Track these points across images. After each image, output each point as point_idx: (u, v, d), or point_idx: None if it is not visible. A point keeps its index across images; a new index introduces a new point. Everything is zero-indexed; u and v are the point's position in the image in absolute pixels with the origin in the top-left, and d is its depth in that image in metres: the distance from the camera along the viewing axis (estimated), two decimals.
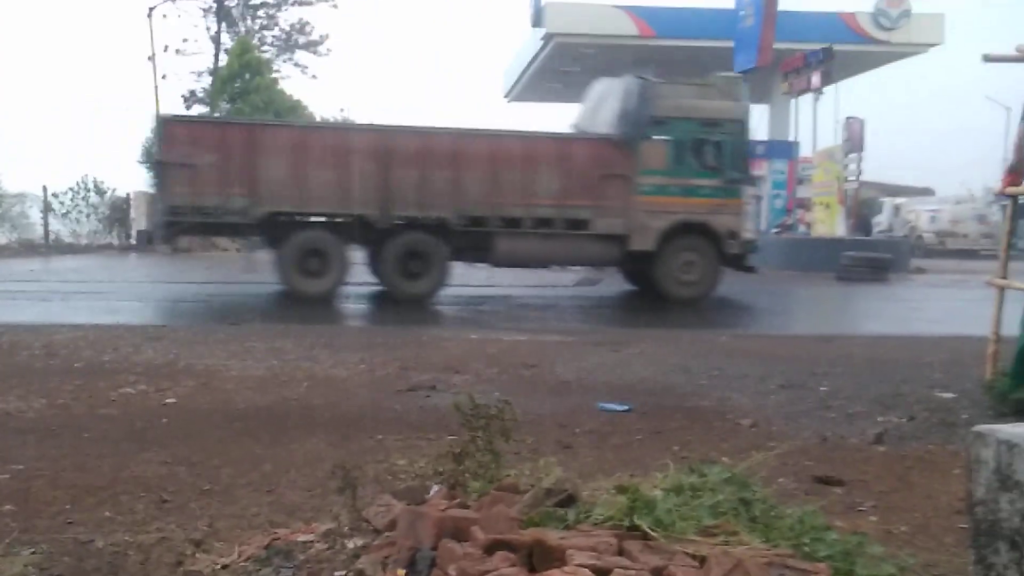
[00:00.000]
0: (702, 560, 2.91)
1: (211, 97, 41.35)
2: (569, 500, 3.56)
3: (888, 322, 16.20)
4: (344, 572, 3.51)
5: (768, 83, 34.92)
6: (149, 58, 37.51)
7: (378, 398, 7.59)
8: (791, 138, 36.23)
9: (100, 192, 36.87)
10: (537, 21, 36.89)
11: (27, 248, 32.72)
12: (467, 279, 18.75)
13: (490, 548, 3.02)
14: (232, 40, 44.02)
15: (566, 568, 2.81)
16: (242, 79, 40.64)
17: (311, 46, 48.32)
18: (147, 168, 36.48)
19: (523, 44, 42.19)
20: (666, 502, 3.39)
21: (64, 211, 35.95)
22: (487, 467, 4.01)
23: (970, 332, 10.78)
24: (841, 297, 20.23)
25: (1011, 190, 7.86)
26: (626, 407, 7.31)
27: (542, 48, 37.99)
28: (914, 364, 9.82)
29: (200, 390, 7.76)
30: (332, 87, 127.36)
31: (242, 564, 3.78)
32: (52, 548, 4.03)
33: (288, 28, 47.77)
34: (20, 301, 16.26)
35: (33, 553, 3.96)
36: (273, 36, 48.15)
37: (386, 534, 3.69)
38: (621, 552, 3.02)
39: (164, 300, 17.91)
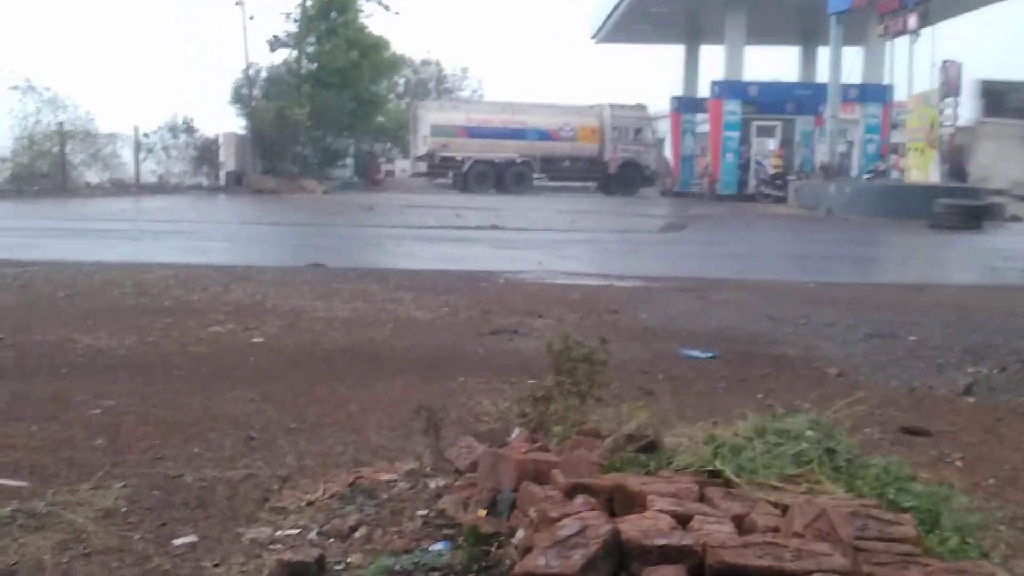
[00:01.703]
0: (785, 508, 2.88)
1: (297, 39, 41.56)
2: (651, 446, 3.55)
3: (981, 271, 15.78)
4: (426, 511, 3.56)
5: (863, 25, 33.95)
6: (237, 3, 37.92)
7: (461, 341, 7.64)
8: (886, 82, 35.30)
9: (191, 131, 37.47)
10: None
11: (119, 188, 33.42)
12: (550, 224, 18.72)
13: (571, 492, 3.03)
14: None
15: (647, 513, 2.80)
16: (327, 19, 40.81)
17: None
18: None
19: None
20: (749, 450, 3.36)
21: (154, 150, 36.60)
22: (569, 411, 4.01)
23: None
24: (933, 245, 19.76)
25: None
26: (710, 354, 7.26)
27: None
28: (1007, 315, 9.58)
29: (287, 330, 7.89)
30: (414, 25, 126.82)
31: (327, 501, 3.85)
32: (142, 482, 4.15)
33: None
34: (112, 240, 16.64)
35: (124, 486, 4.08)
36: None
37: (468, 475, 3.73)
38: (702, 499, 3.00)
39: (252, 240, 18.18)
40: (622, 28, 45.22)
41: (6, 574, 3.22)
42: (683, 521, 2.76)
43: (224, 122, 40.07)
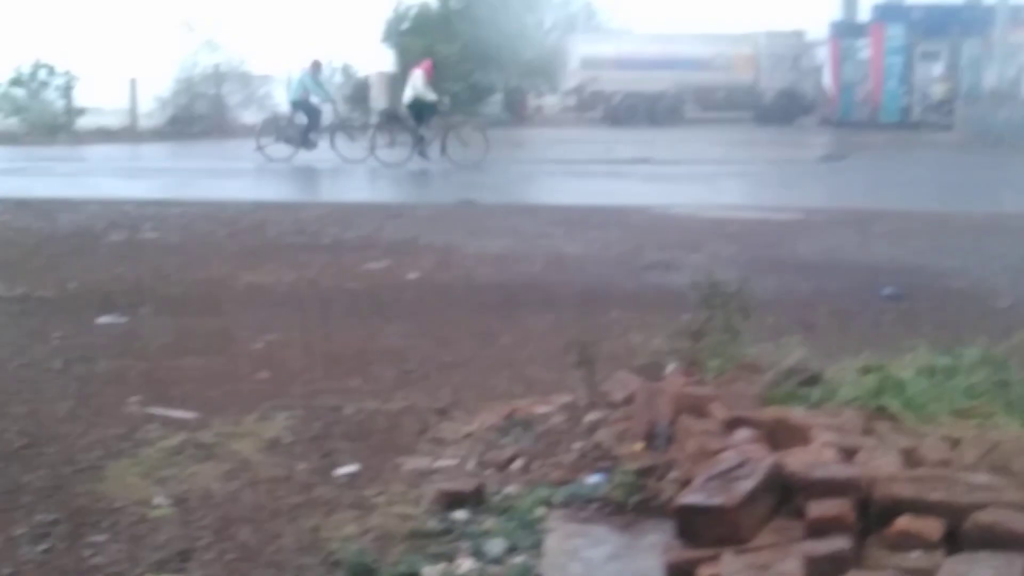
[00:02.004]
0: (955, 442, 2.77)
1: None
2: (812, 380, 3.46)
3: None
4: (582, 444, 3.55)
5: None
6: None
7: (614, 275, 7.58)
8: None
9: (349, 75, 38.05)
10: None
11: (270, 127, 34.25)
12: (704, 156, 18.35)
13: (730, 425, 2.97)
14: None
15: (810, 446, 2.73)
16: None
17: None
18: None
19: None
20: (917, 383, 3.24)
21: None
22: (725, 346, 3.94)
23: None
24: None
25: None
26: (899, 293, 6.94)
27: None
28: None
29: (440, 266, 7.97)
30: None
31: (484, 433, 3.89)
32: (304, 413, 4.26)
33: None
34: (268, 179, 17.09)
35: (287, 418, 4.20)
36: None
37: (623, 409, 3.71)
38: (868, 432, 2.91)
39: (402, 178, 18.33)
40: None
41: (177, 501, 3.36)
42: (848, 454, 2.67)
43: (376, 61, 40.48)
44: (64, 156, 22.04)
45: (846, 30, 39.73)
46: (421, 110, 19.34)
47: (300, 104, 19.63)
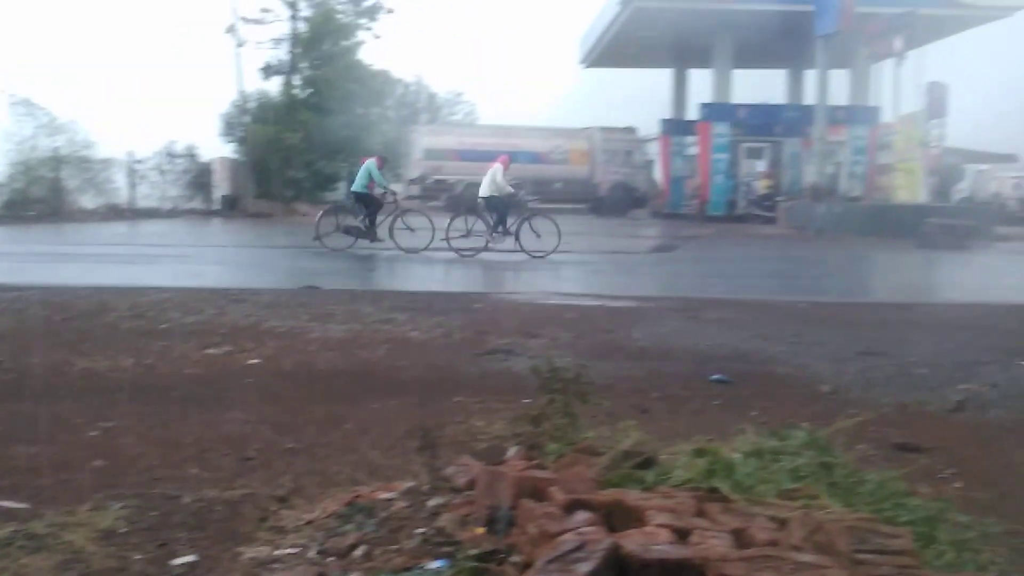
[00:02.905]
0: (782, 523, 2.91)
1: (290, 65, 41.76)
2: (647, 463, 3.58)
3: (970, 290, 15.85)
4: (424, 529, 3.57)
5: (849, 48, 34.23)
6: (228, 30, 38.11)
7: (456, 361, 7.66)
8: (872, 104, 35.57)
9: (191, 156, 37.59)
10: None
11: (113, 213, 33.40)
12: (543, 244, 18.71)
13: (569, 507, 3.05)
14: (309, 8, 44.25)
15: (646, 528, 2.83)
16: (321, 46, 41.00)
17: (377, 13, 48.40)
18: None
19: (601, 9, 41.81)
20: (746, 465, 3.40)
21: (149, 176, 36.70)
22: (564, 430, 4.04)
23: None
24: (922, 264, 19.83)
25: None
26: (728, 378, 7.20)
27: (620, 13, 37.61)
28: (995, 332, 9.63)
29: (283, 351, 7.90)
30: (404, 51, 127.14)
31: (325, 520, 3.87)
32: (141, 503, 4.15)
33: None
34: (107, 264, 16.62)
35: (122, 507, 4.08)
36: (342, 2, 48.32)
37: (465, 493, 3.75)
38: (700, 514, 3.03)
39: (247, 264, 18.18)
40: (611, 53, 45.46)
41: None
42: (682, 535, 2.79)
43: (218, 147, 40.17)
44: None
45: (675, 127, 41.51)
46: (497, 202, 19.56)
47: (363, 195, 19.65)
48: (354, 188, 20.02)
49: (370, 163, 19.80)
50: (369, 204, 19.65)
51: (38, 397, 6.18)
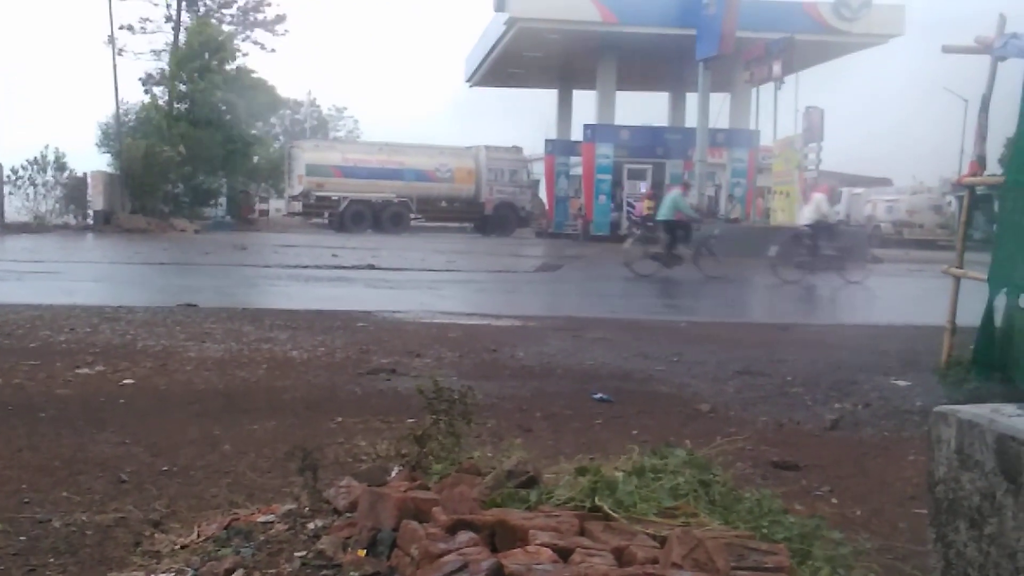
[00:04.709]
0: (663, 541, 2.93)
1: (169, 77, 41.01)
2: (531, 482, 3.58)
3: (845, 311, 16.35)
4: (304, 552, 3.50)
5: (729, 72, 35.17)
6: (108, 40, 37.28)
7: (338, 381, 7.56)
8: (752, 127, 36.52)
9: (60, 168, 36.46)
10: (500, 6, 36.72)
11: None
12: (427, 264, 18.75)
13: (452, 528, 3.03)
14: (191, 19, 43.65)
15: (528, 548, 2.82)
16: (201, 58, 40.36)
17: (269, 24, 48.06)
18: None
19: (486, 28, 42.08)
20: (627, 484, 3.42)
21: (21, 187, 35.56)
22: (448, 450, 4.02)
23: (926, 321, 10.95)
24: (799, 285, 20.36)
25: (967, 180, 8.00)
26: (609, 397, 7.26)
27: (505, 33, 37.90)
28: (870, 352, 9.92)
29: (158, 371, 7.70)
30: (291, 65, 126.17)
31: (201, 544, 3.76)
32: (8, 527, 3.99)
33: (244, 6, 47.57)
34: None
35: None
36: (231, 14, 47.83)
37: (347, 515, 3.69)
38: (583, 532, 3.04)
39: (121, 280, 17.71)
40: (497, 72, 45.80)
41: None
42: (564, 555, 2.78)
43: (94, 160, 39.23)
44: None
45: (560, 147, 42.01)
46: (823, 230, 20.16)
47: (669, 223, 20.38)
48: (661, 217, 20.81)
49: (676, 193, 20.91)
50: (675, 231, 20.38)
51: None
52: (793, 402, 7.35)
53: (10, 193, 35.46)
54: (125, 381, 7.28)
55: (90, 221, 35.97)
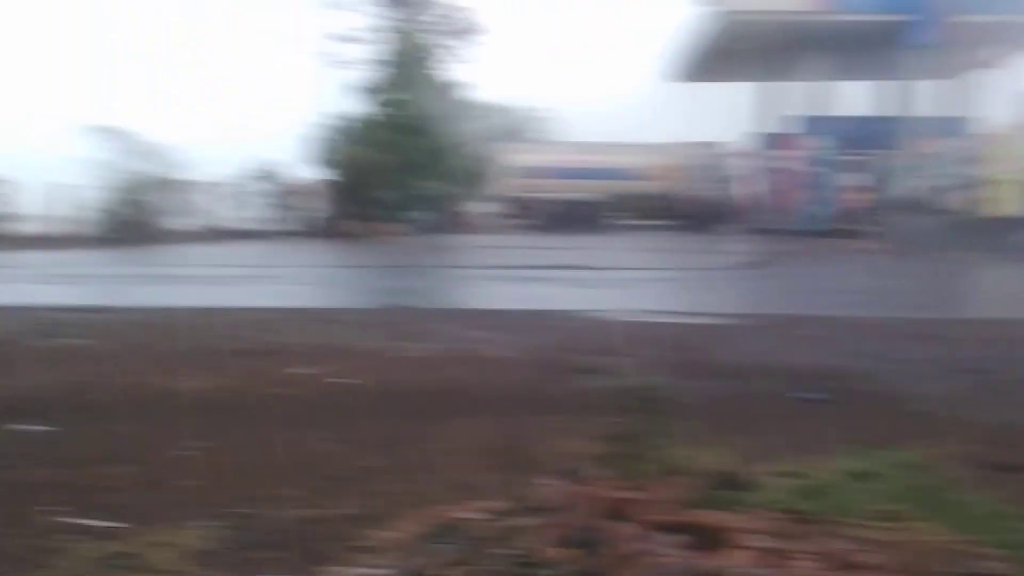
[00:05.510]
0: (878, 545, 2.80)
1: (378, 87, 42.31)
2: (734, 483, 3.49)
3: None
4: (511, 550, 3.52)
5: (947, 58, 33.55)
6: (317, 51, 38.90)
7: (542, 380, 7.60)
8: (969, 115, 34.79)
9: (272, 176, 38.32)
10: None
11: (202, 234, 34.13)
12: (632, 262, 18.68)
13: (656, 528, 2.98)
14: (398, 28, 44.86)
15: (734, 550, 2.75)
16: (408, 67, 41.53)
17: (468, 34, 48.92)
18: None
19: (689, 22, 41.62)
20: (838, 486, 3.29)
21: (238, 197, 37.54)
22: (651, 449, 3.96)
23: None
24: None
25: None
26: (822, 396, 7.04)
27: (711, 25, 37.36)
28: None
29: (368, 371, 7.91)
30: (487, 68, 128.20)
31: (407, 540, 3.84)
32: (222, 522, 4.16)
33: (451, 19, 48.57)
34: (197, 285, 16.95)
35: (206, 527, 4.10)
36: (435, 25, 48.92)
37: (551, 513, 3.69)
38: (791, 535, 2.94)
39: (333, 283, 18.37)
40: (701, 66, 45.23)
41: None
42: (773, 557, 2.70)
43: (309, 168, 40.95)
44: None
45: (763, 140, 41.05)
46: None
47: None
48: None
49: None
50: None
51: (130, 417, 6.27)
52: (1021, 401, 6.92)
53: (229, 203, 37.41)
54: (337, 380, 7.52)
55: (305, 228, 37.55)
